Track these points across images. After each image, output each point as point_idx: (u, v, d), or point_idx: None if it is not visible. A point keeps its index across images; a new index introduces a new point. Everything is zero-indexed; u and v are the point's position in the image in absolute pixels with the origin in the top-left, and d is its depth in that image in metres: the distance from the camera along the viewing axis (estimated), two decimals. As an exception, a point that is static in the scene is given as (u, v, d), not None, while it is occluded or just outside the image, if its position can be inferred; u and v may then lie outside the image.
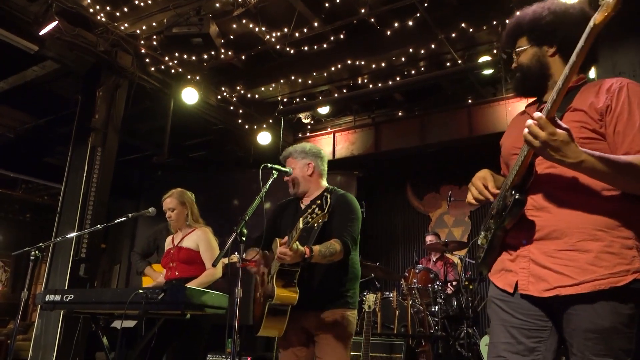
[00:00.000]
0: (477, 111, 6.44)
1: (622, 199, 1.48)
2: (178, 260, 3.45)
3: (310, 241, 2.49)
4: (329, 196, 2.31)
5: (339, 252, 2.47)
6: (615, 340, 1.40)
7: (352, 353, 3.86)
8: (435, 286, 5.15)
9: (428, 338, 4.50)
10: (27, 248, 3.30)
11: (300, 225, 2.26)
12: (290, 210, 2.84)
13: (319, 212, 2.23)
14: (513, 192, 1.53)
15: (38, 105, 6.94)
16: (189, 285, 3.07)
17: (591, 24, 1.31)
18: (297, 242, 2.32)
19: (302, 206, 2.78)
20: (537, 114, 1.38)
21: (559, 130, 1.36)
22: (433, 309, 5.03)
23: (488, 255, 1.71)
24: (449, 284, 5.44)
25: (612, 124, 1.49)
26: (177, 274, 3.43)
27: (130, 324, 4.61)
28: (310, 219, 2.23)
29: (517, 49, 1.72)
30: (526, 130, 1.39)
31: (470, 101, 6.50)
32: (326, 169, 2.88)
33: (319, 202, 2.27)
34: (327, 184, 2.85)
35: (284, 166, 2.87)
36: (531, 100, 1.85)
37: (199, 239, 3.49)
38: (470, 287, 5.17)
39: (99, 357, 7.03)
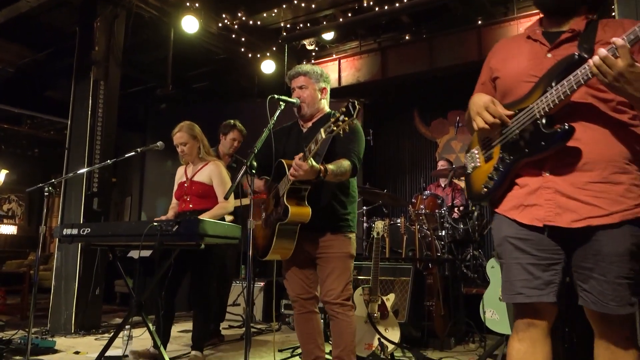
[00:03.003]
0: (487, 32, 6.22)
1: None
2: (192, 194, 3.51)
3: (319, 160, 2.45)
4: (352, 104, 2.15)
5: (348, 171, 2.47)
6: (632, 262, 1.47)
7: (361, 277, 4.00)
8: (442, 211, 5.23)
9: (435, 261, 4.63)
10: (40, 184, 3.35)
11: (323, 135, 2.19)
12: (292, 135, 2.81)
13: (346, 118, 2.11)
14: (546, 122, 1.50)
15: (36, 38, 6.76)
16: (201, 217, 3.14)
17: None
18: (312, 159, 2.28)
19: (304, 129, 2.76)
20: (620, 41, 1.33)
21: (637, 63, 1.33)
22: (440, 234, 5.14)
23: (500, 185, 1.66)
24: (455, 209, 5.52)
25: None
26: (191, 206, 3.51)
27: (146, 253, 4.78)
28: (335, 127, 2.13)
29: None
30: (598, 60, 1.35)
31: (480, 22, 6.26)
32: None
33: (340, 113, 2.14)
34: (327, 109, 2.81)
35: (292, 81, 2.79)
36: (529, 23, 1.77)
37: (212, 173, 3.53)
38: (476, 212, 5.25)
39: (118, 284, 7.36)
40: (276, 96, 2.66)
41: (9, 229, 11.96)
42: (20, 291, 6.22)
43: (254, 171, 2.46)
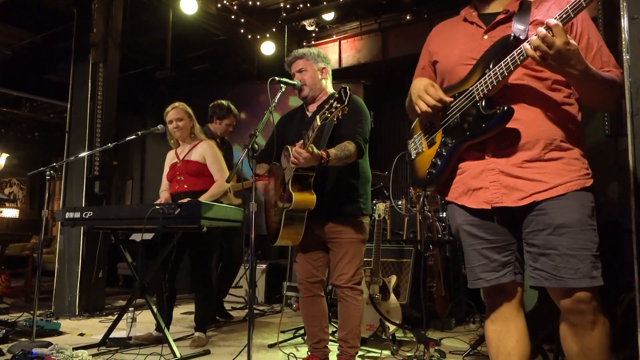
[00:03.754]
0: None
1: (575, 113, 1.58)
2: (186, 174, 3.49)
3: (322, 144, 2.47)
4: (344, 90, 2.17)
5: (353, 154, 2.45)
6: (587, 232, 1.48)
7: (364, 259, 4.03)
8: (443, 193, 5.23)
9: (436, 243, 4.65)
10: (41, 168, 3.35)
11: (318, 122, 2.19)
12: (295, 120, 2.81)
13: (338, 105, 2.12)
14: (485, 104, 1.52)
15: (33, 21, 6.69)
16: (200, 199, 3.15)
17: None
18: (313, 145, 2.28)
19: (308, 114, 2.74)
20: (553, 21, 1.35)
21: (571, 40, 1.37)
22: (441, 215, 5.15)
23: (443, 170, 1.67)
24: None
25: (576, 39, 1.51)
26: (185, 187, 3.48)
27: (149, 236, 4.80)
28: (329, 114, 2.14)
29: None
30: (540, 37, 1.36)
31: (482, 1, 6.17)
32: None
33: (333, 99, 2.15)
34: (330, 90, 2.78)
35: (291, 67, 2.78)
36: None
37: (205, 151, 3.52)
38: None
39: (121, 267, 7.42)
40: (277, 78, 2.65)
41: (11, 212, 12.00)
42: (24, 274, 6.26)
43: (255, 154, 2.46)
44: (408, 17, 6.77)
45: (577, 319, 1.51)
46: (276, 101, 2.60)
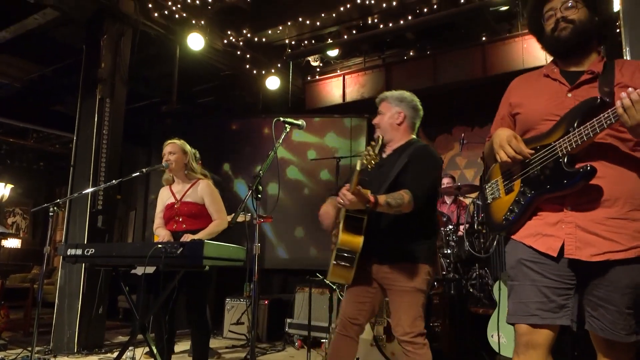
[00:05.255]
0: (491, 49, 6.22)
1: None
2: (184, 215, 3.44)
3: (382, 190, 2.42)
4: (375, 139, 2.23)
5: (406, 204, 2.35)
6: None
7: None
8: (448, 229, 5.19)
9: (441, 280, 4.59)
10: (45, 204, 3.35)
11: (357, 167, 2.18)
12: (376, 162, 2.74)
13: (373, 154, 2.16)
14: (567, 161, 1.57)
15: (43, 54, 6.82)
16: (197, 236, 3.11)
17: None
18: (360, 188, 2.24)
19: (384, 156, 2.65)
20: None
21: None
22: (446, 252, 5.10)
23: (520, 217, 1.72)
24: (461, 226, 5.48)
25: None
26: (184, 227, 3.43)
27: (151, 270, 4.75)
28: (365, 161, 2.16)
29: (567, 2, 1.70)
30: (625, 106, 1.43)
31: (484, 39, 6.27)
32: (418, 123, 2.71)
33: (372, 143, 2.21)
34: (412, 136, 2.67)
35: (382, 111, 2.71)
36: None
37: (203, 192, 3.48)
38: (484, 230, 5.20)
39: (121, 300, 7.33)
40: (282, 118, 2.66)
41: (13, 243, 11.96)
42: (24, 306, 6.20)
43: (259, 195, 2.45)
44: (411, 54, 6.87)
45: None
46: (280, 141, 2.61)
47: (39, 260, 10.37)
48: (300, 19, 5.90)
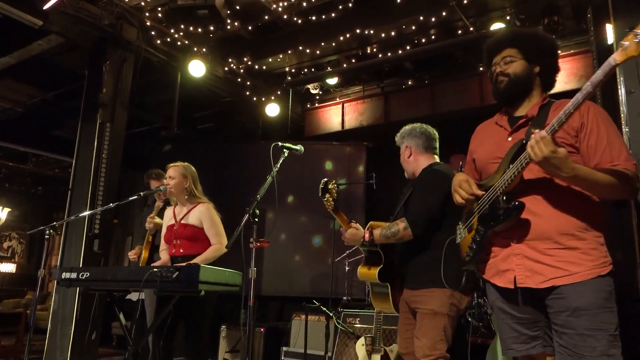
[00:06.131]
0: (488, 79, 6.30)
1: (594, 202, 1.74)
2: (182, 237, 3.44)
3: (398, 218, 2.55)
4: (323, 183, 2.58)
5: (402, 231, 2.43)
6: (602, 314, 1.64)
7: (364, 326, 3.92)
8: (446, 257, 5.17)
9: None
10: (41, 227, 3.34)
11: (331, 210, 2.49)
12: (403, 192, 2.83)
13: (330, 199, 2.48)
14: (506, 198, 1.74)
15: (46, 79, 6.91)
16: (195, 261, 3.09)
17: (612, 62, 1.46)
18: (358, 225, 2.52)
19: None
20: (542, 133, 1.58)
21: (559, 149, 1.57)
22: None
23: (477, 253, 1.90)
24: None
25: (585, 139, 1.73)
26: (181, 251, 3.42)
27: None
28: (327, 205, 2.46)
29: (506, 57, 1.90)
30: (530, 146, 1.59)
31: (481, 69, 6.35)
32: (428, 142, 2.77)
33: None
34: (430, 161, 2.74)
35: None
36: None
37: (202, 215, 3.47)
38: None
39: (115, 327, 7.23)
40: (280, 143, 2.69)
41: (8, 267, 11.85)
42: (16, 332, 6.10)
43: (256, 219, 2.45)
44: (410, 82, 6.97)
45: None
46: (278, 166, 2.63)
47: (33, 285, 10.24)
48: (300, 48, 5.99)
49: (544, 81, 1.92)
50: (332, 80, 6.89)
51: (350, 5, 5.32)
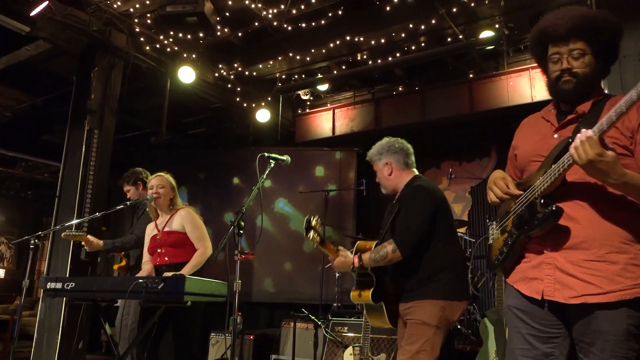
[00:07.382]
0: (478, 86, 6.33)
1: None
2: (166, 245, 3.40)
3: (386, 239, 2.53)
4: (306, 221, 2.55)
5: (390, 254, 2.43)
6: (630, 342, 1.50)
7: (351, 334, 3.92)
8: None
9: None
10: (26, 237, 3.31)
11: (316, 243, 2.55)
12: (388, 209, 2.78)
13: (313, 233, 2.54)
14: (544, 202, 1.57)
15: (34, 84, 6.86)
16: (182, 271, 3.07)
17: None
18: (347, 252, 2.54)
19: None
20: (589, 133, 1.41)
21: (607, 152, 1.40)
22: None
23: (507, 258, 1.75)
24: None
25: (637, 143, 1.54)
26: (166, 259, 3.38)
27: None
28: (312, 243, 2.53)
29: (574, 51, 1.63)
30: (574, 146, 1.43)
31: (471, 76, 6.39)
32: (408, 158, 2.71)
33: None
34: (411, 175, 2.69)
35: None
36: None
37: (184, 219, 3.44)
38: (471, 267, 5.19)
39: (103, 333, 7.16)
40: (266, 154, 2.68)
41: (-3, 272, 11.72)
42: (3, 339, 6.04)
43: (241, 231, 2.44)
44: (400, 89, 6.99)
45: None
46: (265, 177, 2.63)
47: (22, 291, 10.14)
48: (290, 54, 6.00)
49: (604, 75, 1.72)
50: (323, 86, 6.90)
51: (340, 12, 5.33)
